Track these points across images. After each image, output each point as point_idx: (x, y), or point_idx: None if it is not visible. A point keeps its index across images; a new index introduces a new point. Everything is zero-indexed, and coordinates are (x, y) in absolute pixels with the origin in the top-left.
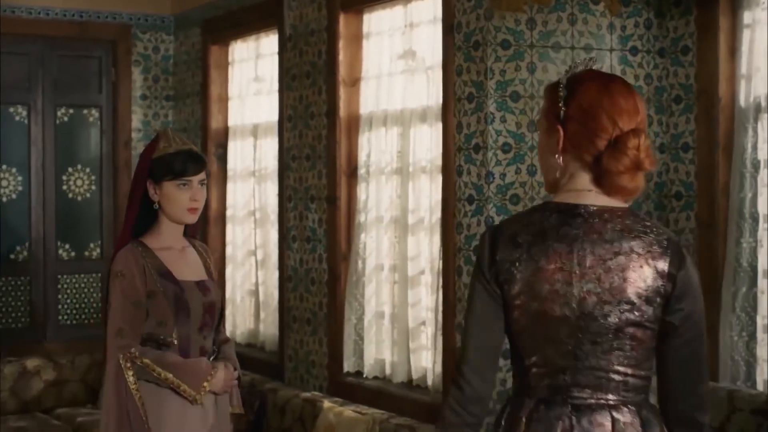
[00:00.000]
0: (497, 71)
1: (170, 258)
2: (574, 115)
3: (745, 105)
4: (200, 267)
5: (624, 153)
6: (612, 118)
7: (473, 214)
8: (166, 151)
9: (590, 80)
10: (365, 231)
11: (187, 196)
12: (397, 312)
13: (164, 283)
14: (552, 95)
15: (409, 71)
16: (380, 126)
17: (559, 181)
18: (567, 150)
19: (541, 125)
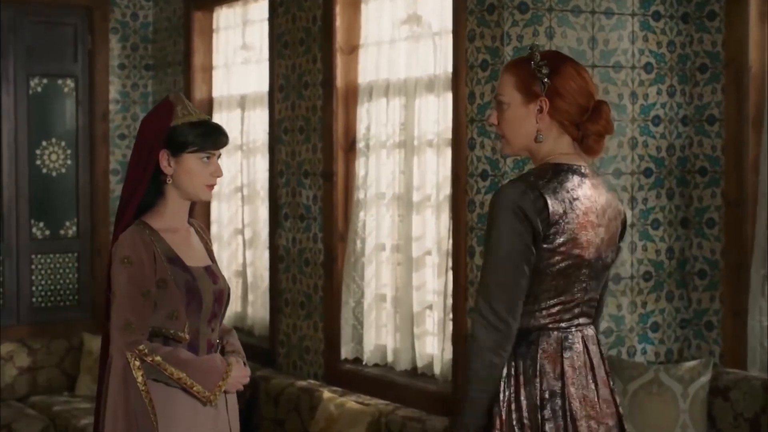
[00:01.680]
0: (514, 36)
1: (177, 241)
2: (562, 90)
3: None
4: (203, 250)
5: (601, 117)
6: (590, 93)
7: (487, 191)
8: (187, 119)
9: (564, 60)
10: (365, 209)
11: (208, 171)
12: (400, 295)
13: (175, 271)
14: (527, 70)
15: (413, 37)
16: (381, 96)
17: (532, 144)
18: (551, 117)
19: (511, 97)
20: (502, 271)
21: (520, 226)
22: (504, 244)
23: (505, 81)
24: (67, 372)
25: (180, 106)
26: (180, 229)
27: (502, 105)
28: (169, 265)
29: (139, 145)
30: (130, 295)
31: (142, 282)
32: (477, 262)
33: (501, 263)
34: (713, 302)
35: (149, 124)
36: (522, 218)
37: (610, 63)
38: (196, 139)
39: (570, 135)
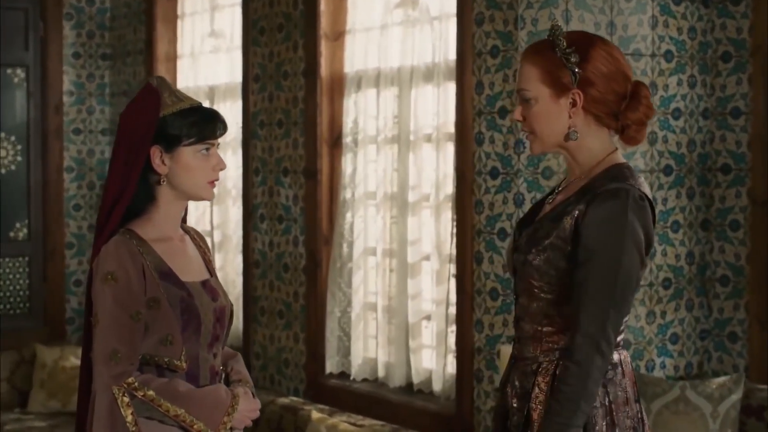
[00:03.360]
0: (529, 20)
1: (170, 252)
2: (596, 79)
3: None
4: (200, 262)
5: (640, 102)
6: (626, 76)
7: (498, 190)
8: (179, 107)
9: (592, 42)
10: (352, 209)
11: (209, 164)
12: (394, 304)
13: (168, 288)
14: (552, 59)
15: (408, 22)
16: (370, 87)
17: (567, 141)
18: (585, 111)
19: (538, 91)
20: (621, 296)
21: (641, 245)
22: (625, 264)
23: (528, 73)
24: (18, 387)
25: (167, 92)
26: (173, 237)
27: (529, 100)
28: (161, 281)
29: (124, 141)
30: (116, 318)
31: (130, 302)
32: (485, 268)
33: (622, 286)
34: (737, 311)
35: (133, 116)
36: (644, 235)
37: (630, 50)
38: (192, 129)
39: (608, 127)
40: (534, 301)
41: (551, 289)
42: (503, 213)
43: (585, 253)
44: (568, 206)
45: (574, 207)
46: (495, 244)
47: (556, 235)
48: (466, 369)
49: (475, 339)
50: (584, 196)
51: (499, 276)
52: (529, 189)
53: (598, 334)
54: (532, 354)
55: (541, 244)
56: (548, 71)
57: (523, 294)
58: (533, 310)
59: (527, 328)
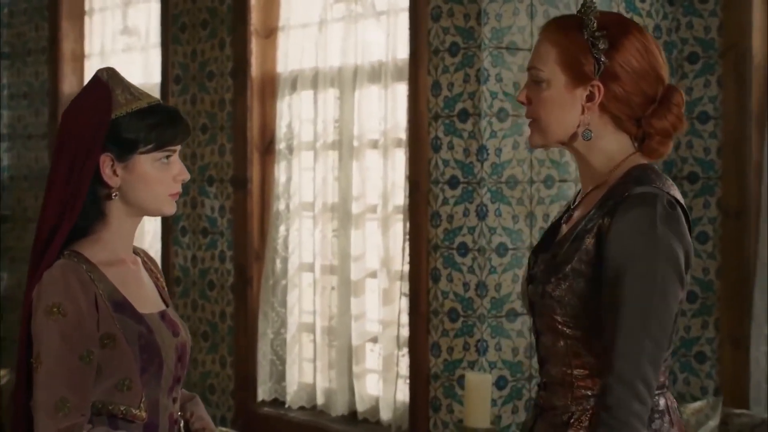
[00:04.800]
0: (492, 15)
1: (124, 278)
2: (623, 74)
3: None
4: (154, 289)
5: (669, 110)
6: (659, 76)
7: (458, 201)
8: (134, 106)
9: (627, 29)
10: (286, 221)
11: (169, 174)
12: (335, 325)
13: (124, 321)
14: (577, 42)
15: (350, 18)
16: (307, 88)
17: (573, 139)
18: (602, 109)
19: (553, 74)
20: (658, 323)
21: (678, 259)
22: (660, 284)
23: (545, 51)
24: None
25: (119, 88)
26: (126, 260)
27: (540, 82)
28: (116, 314)
29: (67, 148)
30: (63, 359)
31: (80, 340)
32: (443, 287)
33: (658, 312)
34: (706, 329)
35: (79, 117)
36: (680, 248)
37: None
38: (151, 134)
39: (627, 132)
40: (559, 339)
41: (578, 324)
42: (464, 226)
43: (611, 275)
44: (589, 222)
45: (596, 221)
46: (454, 260)
47: (578, 259)
48: (420, 397)
49: (431, 364)
50: (606, 206)
51: (459, 295)
52: (493, 200)
53: (632, 372)
54: (562, 402)
55: (561, 271)
56: (569, 54)
57: (546, 332)
58: (559, 351)
59: (554, 372)
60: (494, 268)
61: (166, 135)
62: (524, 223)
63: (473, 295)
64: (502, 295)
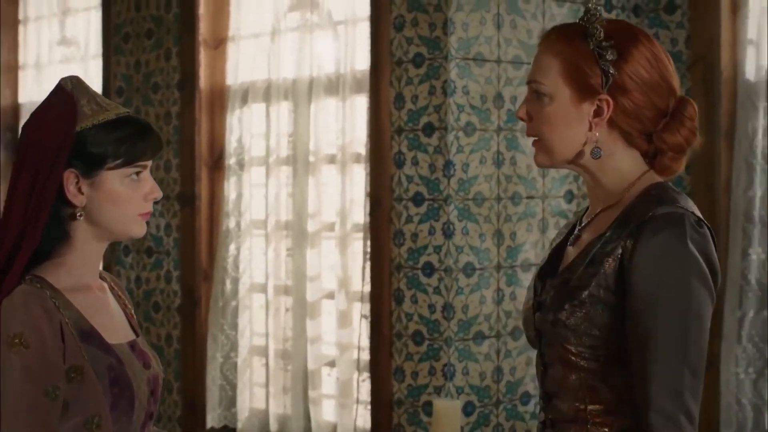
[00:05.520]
0: (459, 24)
1: (91, 306)
2: (631, 85)
3: (754, 79)
4: (123, 317)
5: (682, 124)
6: (671, 88)
7: (423, 219)
8: (101, 118)
9: (635, 37)
10: (236, 240)
11: (140, 193)
12: (290, 348)
13: (92, 353)
14: (583, 52)
15: (305, 27)
16: (258, 101)
17: (582, 157)
18: (611, 125)
19: (556, 88)
20: (697, 352)
21: (709, 281)
22: (695, 309)
23: (548, 63)
24: None
25: (85, 98)
26: (92, 286)
27: (542, 97)
28: (83, 344)
29: (28, 164)
30: (26, 396)
31: (45, 374)
32: (407, 309)
33: (696, 339)
34: None
35: (41, 129)
36: (709, 269)
37: None
38: (120, 148)
39: (638, 148)
40: (572, 372)
41: (595, 355)
42: (429, 245)
43: (641, 303)
44: (607, 244)
45: (616, 244)
46: (419, 281)
47: (596, 284)
48: (383, 423)
49: (395, 389)
50: (626, 228)
51: (425, 317)
52: (460, 217)
53: (675, 407)
54: None
55: (576, 297)
56: (574, 66)
57: (556, 364)
58: (571, 384)
59: (564, 407)
60: (461, 289)
61: (135, 149)
62: (491, 242)
63: (439, 317)
64: (470, 317)
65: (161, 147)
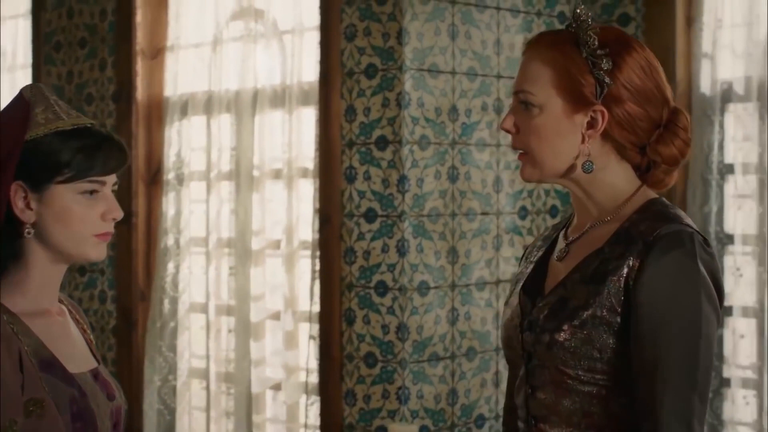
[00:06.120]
0: (414, 34)
1: (50, 332)
2: (626, 95)
3: (710, 93)
4: (83, 343)
5: (676, 135)
6: (665, 96)
7: (375, 237)
8: (54, 126)
9: (627, 44)
10: (175, 259)
11: (96, 211)
12: (232, 371)
13: (53, 383)
14: (576, 60)
15: (249, 37)
16: (199, 113)
17: (573, 171)
18: (604, 137)
19: (547, 99)
20: (705, 378)
21: (717, 304)
22: (705, 334)
23: (538, 72)
24: None
25: (42, 106)
26: (51, 311)
27: (531, 107)
28: (43, 374)
29: None
30: None
31: (2, 407)
32: (359, 329)
33: (705, 365)
34: None
35: None
36: (716, 291)
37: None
38: (72, 160)
39: (630, 161)
40: (566, 395)
41: (593, 379)
42: (382, 263)
43: (649, 325)
44: (608, 262)
45: (619, 262)
46: (371, 301)
47: (599, 304)
48: None
49: (345, 413)
50: (628, 246)
51: (378, 338)
52: (415, 234)
53: (702, 414)
54: None
55: (576, 317)
56: (567, 75)
57: (547, 386)
58: (564, 409)
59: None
60: (416, 309)
61: (92, 161)
62: (446, 260)
63: (393, 338)
64: (424, 338)
65: (124, 162)
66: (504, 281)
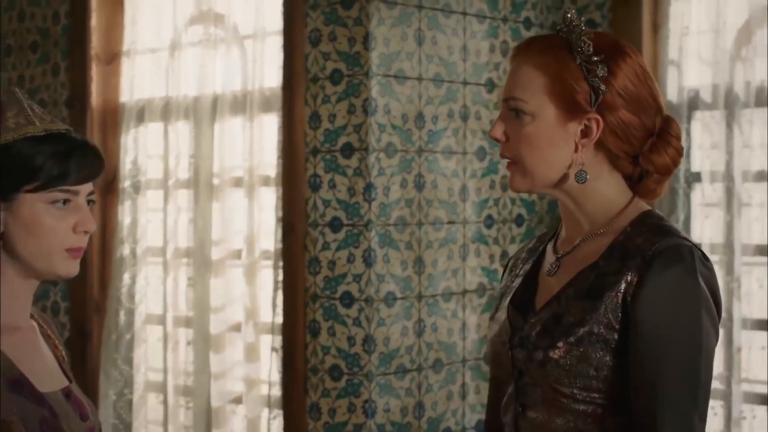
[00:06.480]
0: (380, 39)
1: (20, 350)
2: (620, 103)
3: (676, 100)
4: (54, 361)
5: (669, 143)
6: (659, 104)
7: (341, 246)
8: (24, 133)
9: (621, 50)
10: (131, 269)
11: (67, 223)
12: (191, 385)
13: (22, 404)
14: (569, 67)
15: (209, 42)
16: (156, 120)
17: (565, 182)
18: (598, 146)
19: (540, 106)
20: (704, 396)
21: (716, 320)
22: (705, 351)
23: (530, 79)
24: None
25: (14, 110)
26: (22, 327)
27: (522, 115)
28: (12, 395)
29: None
30: None
31: None
32: (323, 341)
33: (705, 382)
34: None
35: None
36: (715, 306)
37: (483, 80)
38: (42, 167)
39: (622, 171)
40: (559, 414)
41: (589, 397)
42: (348, 273)
43: (649, 342)
44: (604, 277)
45: (617, 277)
46: (337, 312)
47: (595, 321)
48: None
49: (310, 427)
50: (625, 260)
51: (343, 350)
52: (382, 244)
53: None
54: None
55: (572, 333)
56: (561, 81)
57: (538, 405)
58: (558, 428)
59: None
60: (382, 320)
61: (62, 169)
62: (412, 270)
63: (360, 350)
64: (391, 350)
65: (100, 170)
66: (470, 291)
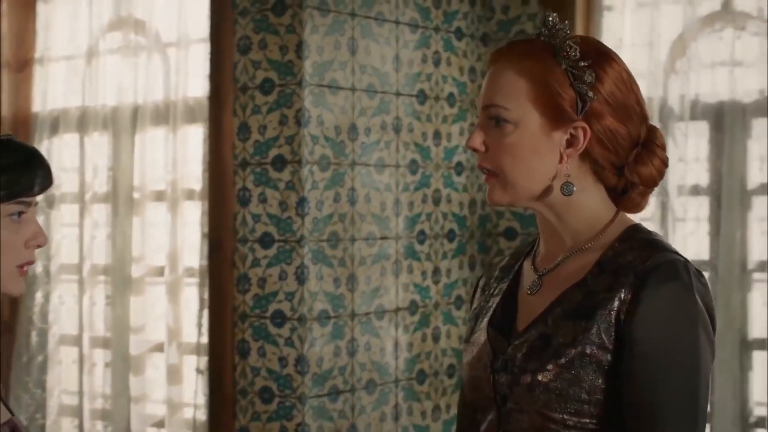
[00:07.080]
0: (314, 48)
1: None
2: (607, 111)
3: None
4: None
5: (654, 154)
6: (643, 112)
7: (273, 263)
8: None
9: (607, 56)
10: (44, 287)
11: (21, 237)
12: (109, 408)
13: None
14: (555, 73)
15: (128, 49)
16: (71, 131)
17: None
18: (583, 156)
19: (524, 114)
20: (703, 417)
21: (713, 337)
22: (703, 371)
23: (513, 85)
24: None
25: None
26: None
27: (504, 124)
28: None
29: None
30: None
31: None
32: (253, 362)
33: (704, 403)
34: None
35: None
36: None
37: (415, 91)
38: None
39: (604, 183)
40: None
41: (580, 423)
42: (280, 291)
43: (645, 363)
44: (594, 295)
45: (608, 295)
46: (268, 332)
47: (588, 341)
48: None
49: None
50: (616, 277)
51: (275, 372)
52: (315, 260)
53: None
54: None
55: (563, 355)
56: (546, 88)
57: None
58: None
59: None
60: (315, 340)
61: (19, 180)
62: (345, 287)
63: (292, 371)
64: (324, 371)
65: (51, 180)
66: (402, 309)
